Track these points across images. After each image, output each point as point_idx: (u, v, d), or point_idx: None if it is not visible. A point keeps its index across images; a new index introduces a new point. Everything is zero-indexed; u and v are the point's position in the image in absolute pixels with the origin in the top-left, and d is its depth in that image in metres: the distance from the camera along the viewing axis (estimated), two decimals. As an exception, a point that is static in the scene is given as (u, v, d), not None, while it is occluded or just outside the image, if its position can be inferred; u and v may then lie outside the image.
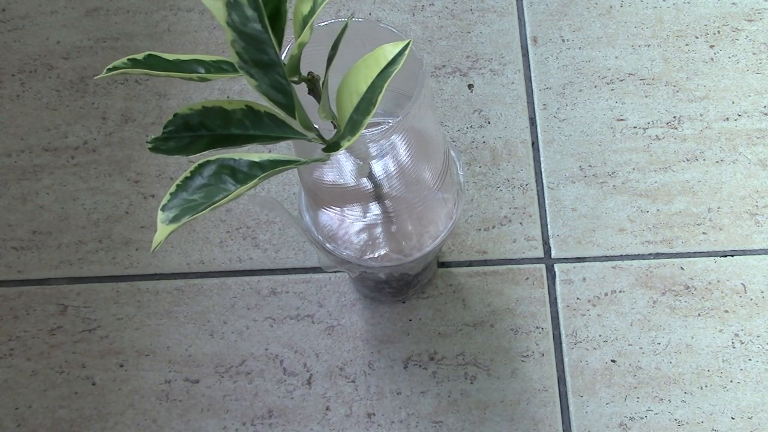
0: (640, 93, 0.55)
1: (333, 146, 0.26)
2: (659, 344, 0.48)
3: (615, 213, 0.51)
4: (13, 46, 0.58)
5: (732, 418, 0.47)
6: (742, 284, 0.49)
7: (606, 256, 0.50)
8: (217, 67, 0.25)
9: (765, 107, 0.54)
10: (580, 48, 0.56)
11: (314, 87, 0.27)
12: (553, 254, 0.51)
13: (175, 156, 0.25)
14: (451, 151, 0.37)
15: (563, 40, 0.56)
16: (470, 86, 0.55)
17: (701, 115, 0.54)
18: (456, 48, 0.56)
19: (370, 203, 0.35)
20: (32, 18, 0.58)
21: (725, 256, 0.50)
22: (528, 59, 0.56)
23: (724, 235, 0.51)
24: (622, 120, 0.54)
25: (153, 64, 0.24)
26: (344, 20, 0.26)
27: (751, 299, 0.49)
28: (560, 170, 0.53)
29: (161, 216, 0.23)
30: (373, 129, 0.29)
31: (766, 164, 0.52)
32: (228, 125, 0.25)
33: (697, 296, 0.49)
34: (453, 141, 0.54)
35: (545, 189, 0.52)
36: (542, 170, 0.53)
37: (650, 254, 0.50)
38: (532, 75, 0.55)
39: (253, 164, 0.24)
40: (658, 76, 0.55)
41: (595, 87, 0.55)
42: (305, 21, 0.25)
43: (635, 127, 0.54)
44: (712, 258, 0.50)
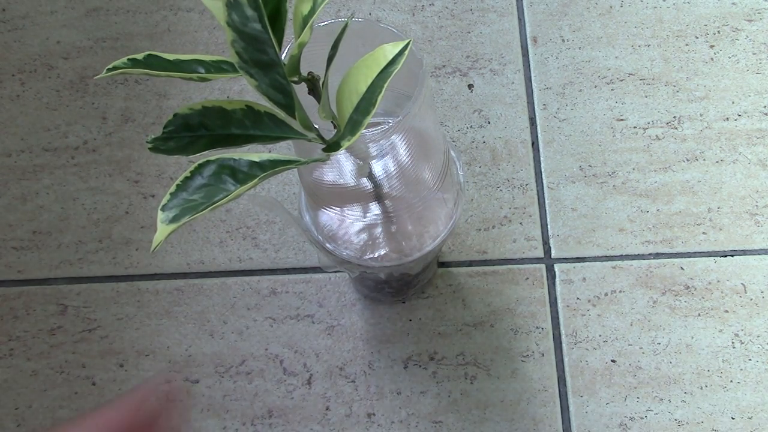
0: (640, 93, 0.55)
1: (333, 146, 0.26)
2: (659, 344, 0.48)
3: (615, 213, 0.51)
4: (13, 46, 0.58)
5: (732, 418, 0.47)
6: (742, 284, 0.49)
7: (606, 256, 0.50)
8: (217, 67, 0.25)
9: (765, 107, 0.54)
10: (580, 48, 0.56)
11: (314, 87, 0.27)
12: (553, 254, 0.51)
13: (175, 156, 0.25)
14: (451, 151, 0.37)
15: (563, 40, 0.56)
16: (470, 86, 0.55)
17: (701, 115, 0.54)
18: (456, 48, 0.56)
19: (370, 203, 0.35)
20: (32, 18, 0.58)
21: (725, 256, 0.50)
22: (528, 59, 0.56)
23: (724, 235, 0.51)
24: (622, 120, 0.54)
25: (153, 64, 0.24)
26: (344, 20, 0.26)
27: (751, 299, 0.49)
28: (560, 170, 0.53)
29: (161, 216, 0.23)
30: (373, 129, 0.29)
31: (766, 164, 0.52)
32: (228, 125, 0.25)
33: (697, 296, 0.49)
34: (453, 141, 0.54)
35: (545, 189, 0.52)
36: (542, 170, 0.53)
37: (650, 254, 0.50)
38: (532, 75, 0.55)
39: (253, 164, 0.24)
40: (658, 76, 0.55)
41: (595, 87, 0.55)
42: (305, 21, 0.25)
43: (635, 127, 0.54)
44: (712, 258, 0.50)
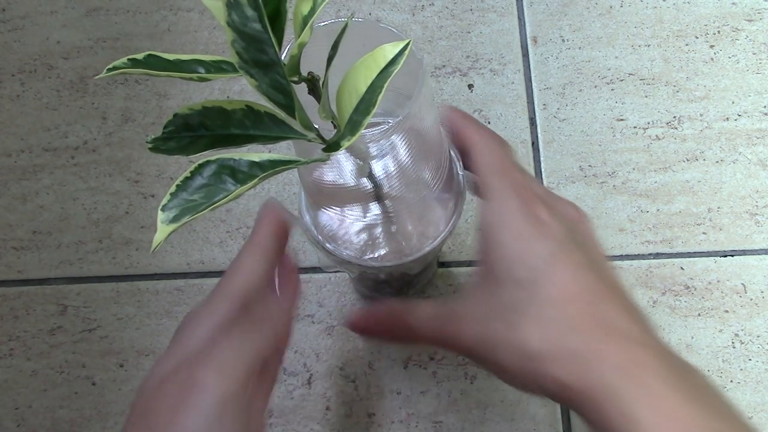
0: (640, 93, 0.54)
1: (333, 146, 0.26)
2: (659, 344, 0.48)
3: (615, 213, 0.51)
4: (13, 46, 0.58)
5: (732, 418, 0.47)
6: (742, 284, 0.49)
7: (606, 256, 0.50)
8: (217, 67, 0.25)
9: (765, 107, 0.54)
10: (580, 48, 0.56)
11: (314, 87, 0.27)
12: (553, 254, 0.51)
13: (175, 156, 0.25)
14: (452, 151, 0.37)
15: (563, 40, 0.56)
16: (470, 86, 0.55)
17: (701, 115, 0.54)
18: (456, 48, 0.56)
19: (370, 203, 0.35)
20: (32, 18, 0.58)
21: (725, 256, 0.50)
22: (528, 59, 0.56)
23: (724, 235, 0.51)
24: (622, 120, 0.54)
25: (153, 64, 0.24)
26: (344, 20, 0.26)
27: (751, 299, 0.49)
28: (560, 170, 0.53)
29: (161, 216, 0.23)
30: (373, 129, 0.29)
31: (766, 164, 0.52)
32: (228, 125, 0.25)
33: (697, 296, 0.49)
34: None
35: (545, 189, 0.52)
36: (542, 170, 0.53)
37: (650, 254, 0.50)
38: (532, 75, 0.55)
39: (253, 164, 0.24)
40: (658, 76, 0.55)
41: (595, 87, 0.55)
42: (305, 21, 0.25)
43: (635, 127, 0.54)
44: (712, 258, 0.50)
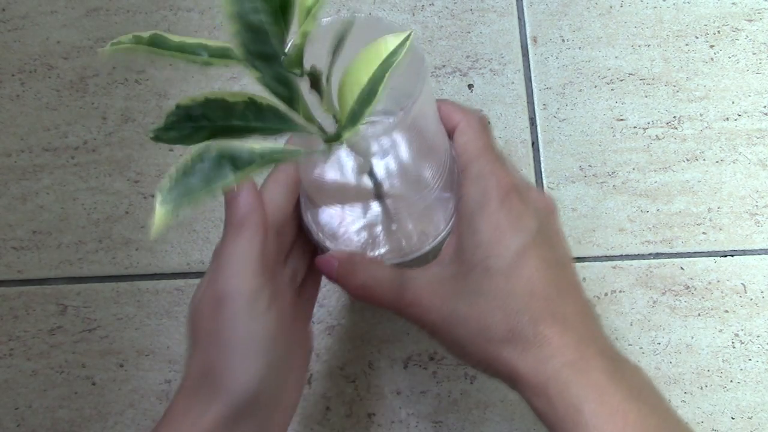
0: (640, 93, 0.55)
1: (334, 138, 0.26)
2: (659, 344, 0.48)
3: (615, 213, 0.51)
4: (13, 46, 0.58)
5: (732, 418, 0.47)
6: (742, 284, 0.50)
7: (606, 256, 0.50)
8: (222, 53, 0.25)
9: (765, 107, 0.54)
10: (580, 48, 0.56)
11: (316, 81, 0.27)
12: (553, 254, 0.51)
13: (176, 146, 0.25)
14: (452, 150, 0.37)
15: (563, 40, 0.56)
16: (470, 86, 0.55)
17: (701, 115, 0.54)
18: (456, 48, 0.56)
19: (371, 202, 0.35)
20: (32, 18, 0.58)
21: (725, 256, 0.50)
22: (528, 59, 0.56)
23: (724, 235, 0.51)
24: (622, 120, 0.54)
25: (158, 43, 0.24)
26: (348, 16, 0.26)
27: (751, 299, 0.49)
28: (560, 170, 0.53)
29: (159, 199, 0.22)
30: (375, 125, 0.29)
31: (766, 164, 0.52)
32: (230, 117, 0.25)
33: (697, 296, 0.49)
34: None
35: (545, 189, 0.52)
36: (542, 170, 0.53)
37: (650, 254, 0.50)
38: (532, 75, 0.55)
39: (254, 152, 0.24)
40: (658, 76, 0.55)
41: (595, 87, 0.55)
42: (309, 12, 0.25)
43: (635, 127, 0.54)
44: (712, 258, 0.50)
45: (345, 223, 0.37)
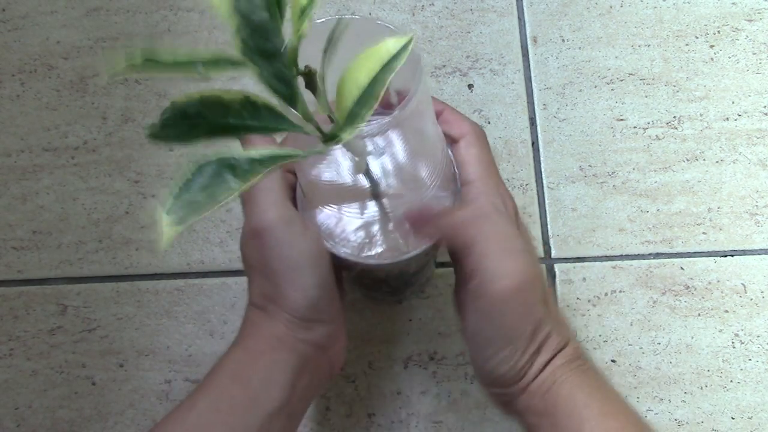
0: (640, 93, 0.54)
1: (332, 138, 0.26)
2: (659, 344, 0.48)
3: (615, 213, 0.51)
4: (13, 46, 0.58)
5: (732, 418, 0.47)
6: (742, 284, 0.49)
7: (606, 256, 0.50)
8: (215, 63, 0.25)
9: (765, 107, 0.54)
10: (580, 48, 0.56)
11: (311, 81, 0.27)
12: (553, 254, 0.51)
13: (176, 144, 0.25)
14: (449, 150, 0.37)
15: (563, 40, 0.56)
16: (470, 86, 0.55)
17: (701, 115, 0.54)
18: (456, 48, 0.56)
19: (368, 201, 0.35)
20: (32, 18, 0.58)
21: (725, 256, 0.50)
22: (528, 59, 0.56)
23: (724, 235, 0.51)
24: (622, 120, 0.54)
25: (151, 63, 0.24)
26: (343, 17, 0.26)
27: (751, 299, 0.49)
28: (560, 170, 0.53)
29: (166, 219, 0.23)
30: (370, 124, 0.29)
31: (766, 164, 0.52)
32: (226, 115, 0.25)
33: (697, 296, 0.49)
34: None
35: (545, 189, 0.52)
36: (542, 170, 0.53)
37: (650, 254, 0.50)
38: (532, 75, 0.55)
39: (253, 161, 0.24)
40: (658, 76, 0.55)
41: (595, 87, 0.55)
42: (303, 11, 0.25)
43: (635, 127, 0.54)
44: (712, 258, 0.50)
45: (342, 223, 0.37)
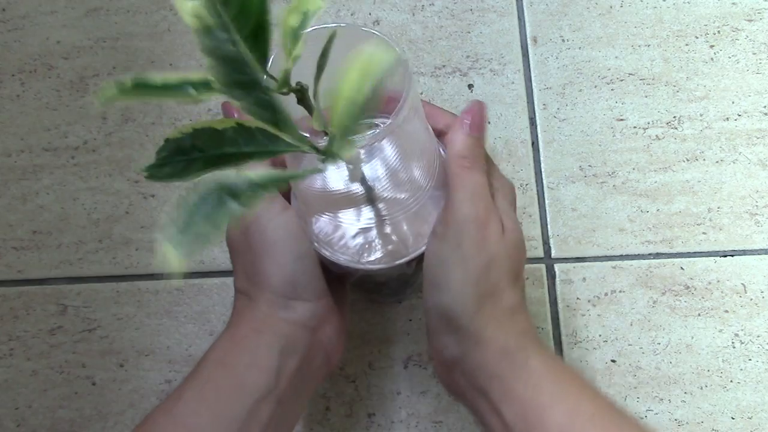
0: (640, 93, 0.55)
1: (330, 156, 0.26)
2: (659, 344, 0.48)
3: (615, 213, 0.51)
4: (13, 46, 0.58)
5: (732, 418, 0.47)
6: (742, 284, 0.49)
7: (606, 256, 0.50)
8: (206, 86, 0.25)
9: (765, 107, 0.54)
10: (580, 48, 0.56)
11: (303, 97, 0.27)
12: (553, 254, 0.51)
13: (174, 181, 0.25)
14: (441, 149, 0.37)
15: (563, 40, 0.56)
16: (470, 86, 0.55)
17: (701, 115, 0.54)
18: (456, 48, 0.56)
19: (363, 207, 0.35)
20: (32, 18, 0.58)
21: (725, 256, 0.50)
22: (528, 59, 0.56)
23: (724, 235, 0.51)
24: (622, 120, 0.54)
25: (141, 88, 0.24)
26: (329, 26, 0.26)
27: (751, 299, 0.49)
28: (560, 170, 0.53)
29: (173, 253, 0.23)
30: (363, 134, 0.29)
31: (766, 164, 0.52)
32: (221, 145, 0.25)
33: (697, 296, 0.49)
34: (453, 141, 0.54)
35: (545, 189, 0.52)
36: (542, 170, 0.53)
37: (650, 254, 0.50)
38: (532, 75, 0.55)
39: (254, 184, 0.24)
40: (658, 76, 0.55)
41: (595, 87, 0.55)
42: (295, 33, 0.25)
43: (635, 127, 0.54)
44: (712, 258, 0.50)
45: (340, 230, 0.37)
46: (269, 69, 0.25)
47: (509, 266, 0.34)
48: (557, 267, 0.50)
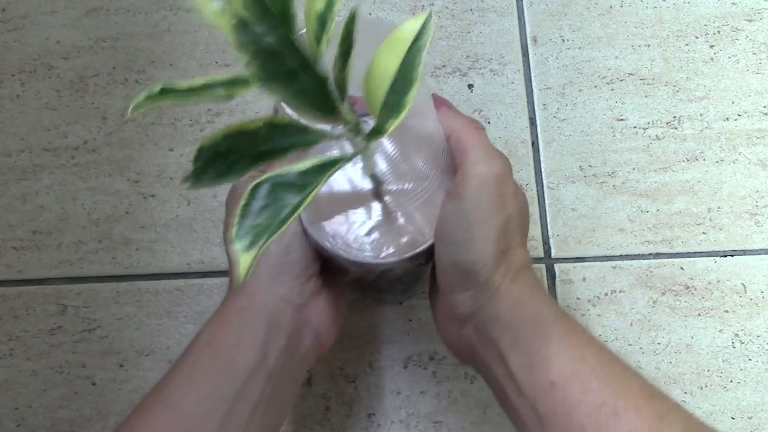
0: (640, 93, 0.55)
1: (377, 132, 0.26)
2: (659, 344, 0.48)
3: (615, 213, 0.51)
4: (13, 46, 0.58)
5: (732, 418, 0.47)
6: (742, 284, 0.49)
7: (606, 256, 0.50)
8: (233, 83, 0.25)
9: (765, 107, 0.54)
10: (580, 48, 0.56)
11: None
12: (553, 254, 0.51)
13: (216, 185, 0.25)
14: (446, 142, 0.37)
15: (563, 40, 0.56)
16: (470, 86, 0.55)
17: (701, 115, 0.54)
18: (456, 48, 0.56)
19: (373, 203, 0.35)
20: (32, 18, 0.58)
21: (725, 256, 0.50)
22: (528, 59, 0.56)
23: (724, 235, 0.51)
24: (622, 120, 0.54)
25: (168, 93, 0.24)
26: (350, 14, 0.26)
27: (751, 299, 0.49)
28: (560, 170, 0.53)
29: (238, 246, 0.23)
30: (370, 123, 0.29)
31: (766, 164, 0.52)
32: (256, 144, 0.25)
33: (697, 296, 0.49)
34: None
35: (545, 189, 0.52)
36: (542, 170, 0.53)
37: (650, 254, 0.50)
38: (532, 75, 0.55)
39: (303, 173, 0.25)
40: (658, 76, 0.55)
41: (595, 87, 0.55)
42: (321, 18, 0.25)
43: (635, 127, 0.54)
44: (712, 258, 0.50)
45: (353, 229, 0.36)
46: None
47: (521, 225, 0.36)
48: (557, 267, 0.50)
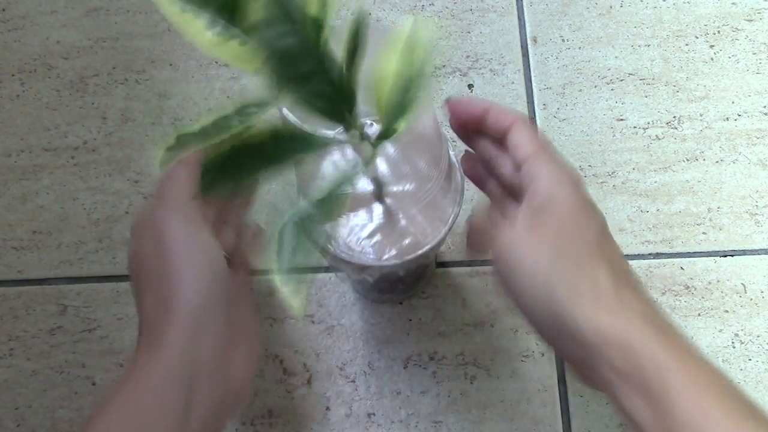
0: (640, 93, 0.55)
1: (386, 135, 0.26)
2: (659, 344, 0.48)
3: (615, 213, 0.51)
4: (13, 46, 0.58)
5: (732, 418, 0.47)
6: (742, 284, 0.49)
7: (606, 256, 0.50)
8: (247, 110, 0.25)
9: (765, 107, 0.54)
10: (580, 48, 0.56)
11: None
12: (553, 254, 0.51)
13: (226, 192, 0.25)
14: (448, 147, 0.37)
15: (563, 40, 0.56)
16: (470, 86, 0.55)
17: (701, 115, 0.54)
18: (456, 48, 0.56)
19: (373, 204, 0.35)
20: (32, 18, 0.58)
21: (725, 256, 0.50)
22: (528, 59, 0.56)
23: (724, 235, 0.51)
24: (622, 120, 0.54)
25: (189, 142, 0.25)
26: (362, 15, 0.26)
27: (751, 299, 0.49)
28: (560, 170, 0.53)
29: (289, 290, 0.24)
30: (374, 126, 0.29)
31: (766, 164, 0.52)
32: (263, 153, 0.26)
33: (697, 296, 0.49)
34: (453, 141, 0.54)
35: (545, 189, 0.52)
36: (542, 170, 0.53)
37: (650, 254, 0.50)
38: (532, 75, 0.55)
39: (318, 204, 0.25)
40: (658, 76, 0.55)
41: (595, 87, 0.55)
42: (324, 3, 0.25)
43: (635, 127, 0.54)
44: (712, 258, 0.50)
45: (354, 232, 0.36)
46: None
47: (602, 247, 0.32)
48: (557, 267, 0.50)
